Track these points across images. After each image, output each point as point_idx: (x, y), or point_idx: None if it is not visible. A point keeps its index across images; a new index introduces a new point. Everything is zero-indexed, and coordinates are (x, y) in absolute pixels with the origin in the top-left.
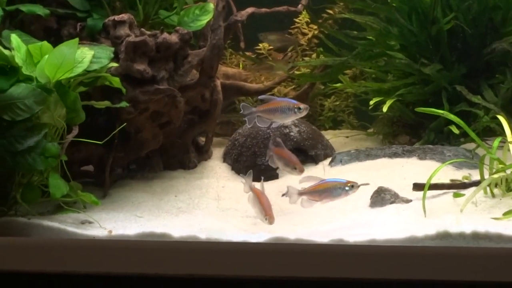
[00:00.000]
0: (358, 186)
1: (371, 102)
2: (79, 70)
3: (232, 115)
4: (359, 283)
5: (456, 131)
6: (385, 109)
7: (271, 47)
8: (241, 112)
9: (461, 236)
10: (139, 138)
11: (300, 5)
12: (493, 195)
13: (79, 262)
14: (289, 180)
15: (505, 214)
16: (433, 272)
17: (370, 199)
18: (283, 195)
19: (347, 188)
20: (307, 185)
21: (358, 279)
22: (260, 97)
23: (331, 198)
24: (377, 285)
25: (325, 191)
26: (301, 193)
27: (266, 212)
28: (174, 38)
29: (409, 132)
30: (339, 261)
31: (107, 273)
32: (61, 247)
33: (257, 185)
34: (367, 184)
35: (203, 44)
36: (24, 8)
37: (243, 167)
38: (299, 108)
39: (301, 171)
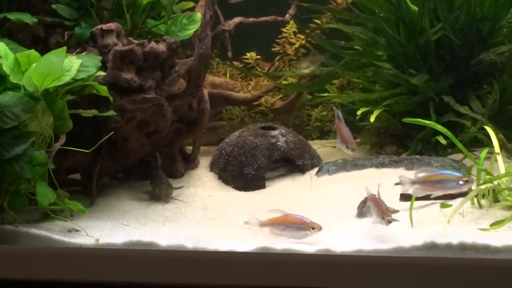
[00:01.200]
0: (472, 182)
1: (358, 112)
2: (66, 78)
3: (217, 123)
4: None
5: (443, 141)
6: (372, 119)
7: (258, 56)
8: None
9: (448, 247)
10: (126, 147)
11: (287, 15)
12: (480, 206)
13: (66, 270)
14: (276, 189)
15: (492, 225)
16: (420, 283)
17: (357, 209)
18: (396, 184)
19: (461, 182)
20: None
21: None
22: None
23: (444, 190)
24: None
25: (438, 182)
26: (414, 182)
27: (307, 224)
28: (161, 47)
29: (396, 143)
30: (325, 271)
31: (94, 281)
32: (48, 255)
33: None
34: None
35: (191, 53)
36: (12, 16)
37: (230, 176)
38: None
39: (352, 149)
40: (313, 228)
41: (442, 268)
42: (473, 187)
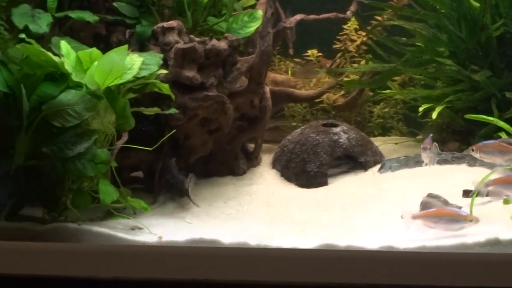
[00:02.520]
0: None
1: (421, 109)
2: (128, 76)
3: (280, 121)
4: None
5: (505, 138)
6: (434, 116)
7: (319, 54)
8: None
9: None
10: (188, 145)
11: (349, 12)
12: None
13: (129, 268)
14: (338, 186)
15: None
16: (483, 279)
17: (420, 205)
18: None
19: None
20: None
21: (408, 285)
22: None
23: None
24: None
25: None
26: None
27: (462, 216)
28: (223, 44)
29: (459, 139)
30: (388, 267)
31: (157, 279)
32: (111, 253)
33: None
34: None
35: (252, 50)
36: (74, 14)
37: (292, 173)
38: None
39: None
40: (470, 221)
41: (506, 264)
42: None
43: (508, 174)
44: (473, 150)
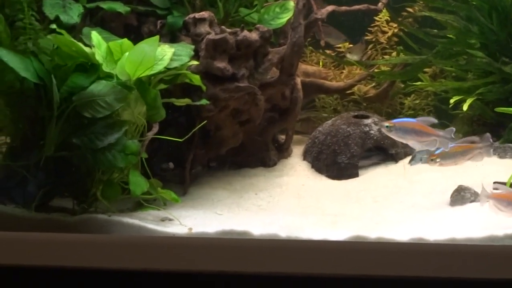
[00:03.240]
0: None
1: (451, 101)
2: (159, 67)
3: (311, 112)
4: (440, 282)
5: None
6: (465, 108)
7: (351, 45)
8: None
9: None
10: (219, 136)
11: (380, 3)
12: None
13: (159, 260)
14: (369, 178)
15: None
16: None
17: (450, 197)
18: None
19: None
20: None
21: (439, 277)
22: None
23: None
24: (456, 284)
25: None
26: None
27: None
28: (254, 36)
29: (489, 131)
30: (419, 259)
31: (188, 270)
32: (141, 244)
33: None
34: None
35: (283, 42)
36: (105, 5)
37: (323, 165)
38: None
39: None
40: None
41: None
42: None
43: (508, 190)
44: (387, 126)
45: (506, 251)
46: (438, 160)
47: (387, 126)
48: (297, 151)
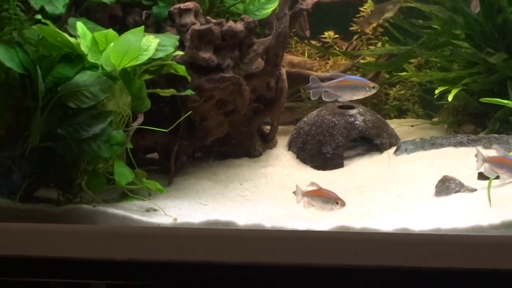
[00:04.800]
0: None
1: (436, 91)
2: (144, 58)
3: (296, 103)
4: (424, 272)
5: None
6: (450, 98)
7: (336, 35)
8: (309, 84)
9: None
10: (204, 126)
11: None
12: None
13: (144, 250)
14: (354, 168)
15: None
16: (497, 261)
17: (435, 188)
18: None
19: (367, 88)
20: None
21: (423, 267)
22: (329, 74)
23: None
24: (441, 274)
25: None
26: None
27: (334, 198)
28: (239, 26)
29: (474, 121)
30: (404, 249)
31: (173, 260)
32: (126, 234)
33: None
34: None
35: (269, 32)
36: None
37: (308, 155)
38: (370, 87)
39: None
40: (337, 203)
41: None
42: None
43: (505, 154)
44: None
45: (491, 241)
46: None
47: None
48: (282, 141)
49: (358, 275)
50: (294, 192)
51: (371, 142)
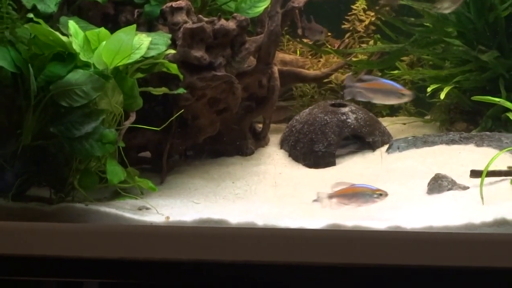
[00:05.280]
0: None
1: (429, 89)
2: (136, 56)
3: (288, 101)
4: (416, 270)
5: None
6: (442, 96)
7: (328, 34)
8: (344, 83)
9: None
10: (196, 125)
11: None
12: None
13: (137, 248)
14: (346, 166)
15: None
16: (491, 259)
17: (428, 185)
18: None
19: (375, 195)
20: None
21: (415, 265)
22: (363, 77)
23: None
24: (433, 272)
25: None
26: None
27: (374, 190)
28: (231, 24)
29: (467, 119)
30: (396, 247)
31: (165, 259)
32: (119, 233)
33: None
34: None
35: (261, 30)
36: None
37: (300, 153)
38: (403, 94)
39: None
40: (380, 194)
41: None
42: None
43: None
44: None
45: (483, 239)
46: None
47: None
48: (274, 139)
49: (351, 273)
50: (315, 200)
51: (363, 140)
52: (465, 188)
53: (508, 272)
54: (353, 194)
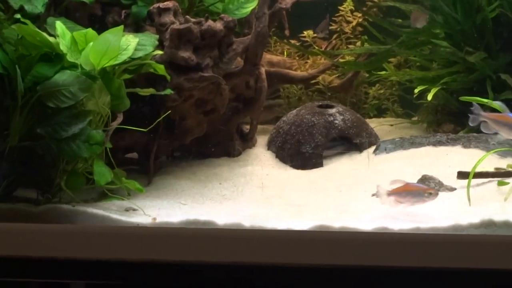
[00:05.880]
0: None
1: (416, 91)
2: (123, 57)
3: (275, 101)
4: (404, 271)
5: None
6: (429, 97)
7: (315, 35)
8: (471, 109)
9: (506, 224)
10: (184, 126)
11: None
12: None
13: (124, 249)
14: (334, 168)
15: None
16: (477, 261)
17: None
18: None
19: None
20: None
21: (403, 267)
22: (499, 103)
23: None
24: (421, 273)
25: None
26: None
27: (425, 189)
28: (219, 25)
29: (454, 121)
30: (383, 249)
31: (151, 260)
32: (105, 234)
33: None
34: None
35: (248, 31)
36: None
37: (288, 155)
38: None
39: None
40: (430, 194)
41: (500, 245)
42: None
43: (505, 112)
44: None
45: (470, 240)
46: None
47: None
48: (262, 141)
49: (338, 274)
50: (375, 195)
51: (350, 141)
52: (452, 189)
53: (494, 274)
54: (408, 192)
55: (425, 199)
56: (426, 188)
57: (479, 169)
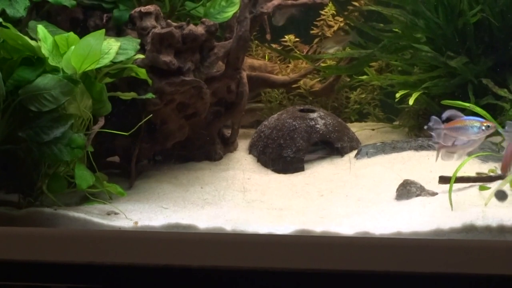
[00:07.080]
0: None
1: (397, 95)
2: (105, 61)
3: (256, 105)
4: (385, 275)
5: None
6: (411, 102)
7: (297, 39)
8: (429, 123)
9: (487, 229)
10: (165, 130)
11: None
12: None
13: (105, 253)
14: (315, 172)
15: None
16: (459, 265)
17: (396, 191)
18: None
19: (483, 127)
20: None
21: (384, 271)
22: (446, 114)
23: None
24: (402, 278)
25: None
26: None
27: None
28: (200, 29)
29: None
30: (364, 253)
31: (133, 264)
32: (87, 237)
33: None
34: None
35: (229, 36)
36: None
37: (269, 159)
38: (488, 126)
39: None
40: (488, 126)
41: (481, 250)
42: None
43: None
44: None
45: (451, 245)
46: None
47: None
48: (243, 145)
49: (318, 279)
50: (427, 127)
51: (332, 145)
52: (434, 194)
53: (476, 278)
54: (462, 126)
55: (482, 131)
56: (483, 121)
57: (460, 173)
